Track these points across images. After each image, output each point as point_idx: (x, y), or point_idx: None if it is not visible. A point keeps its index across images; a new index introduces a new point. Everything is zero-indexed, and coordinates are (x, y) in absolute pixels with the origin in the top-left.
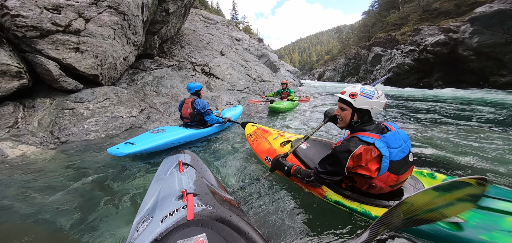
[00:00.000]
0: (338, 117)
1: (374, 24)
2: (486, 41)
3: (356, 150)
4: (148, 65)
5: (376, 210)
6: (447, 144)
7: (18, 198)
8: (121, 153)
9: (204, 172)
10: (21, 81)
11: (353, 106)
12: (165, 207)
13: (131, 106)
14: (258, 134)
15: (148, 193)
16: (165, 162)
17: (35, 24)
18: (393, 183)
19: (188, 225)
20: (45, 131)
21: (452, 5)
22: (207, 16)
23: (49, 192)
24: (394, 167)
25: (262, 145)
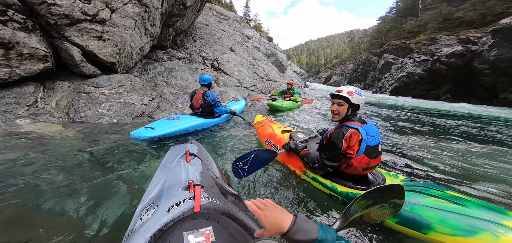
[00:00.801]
0: (335, 112)
1: (389, 31)
2: (504, 55)
3: (347, 133)
4: (160, 56)
5: (341, 187)
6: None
7: (31, 173)
8: (144, 136)
9: (210, 163)
10: (46, 65)
11: (351, 102)
12: (171, 196)
13: (143, 95)
14: (265, 123)
15: (153, 180)
16: (172, 151)
17: (67, 13)
18: (365, 165)
19: (195, 217)
20: (62, 111)
21: (477, 15)
22: (221, 11)
23: (60, 170)
24: (368, 150)
25: (266, 130)
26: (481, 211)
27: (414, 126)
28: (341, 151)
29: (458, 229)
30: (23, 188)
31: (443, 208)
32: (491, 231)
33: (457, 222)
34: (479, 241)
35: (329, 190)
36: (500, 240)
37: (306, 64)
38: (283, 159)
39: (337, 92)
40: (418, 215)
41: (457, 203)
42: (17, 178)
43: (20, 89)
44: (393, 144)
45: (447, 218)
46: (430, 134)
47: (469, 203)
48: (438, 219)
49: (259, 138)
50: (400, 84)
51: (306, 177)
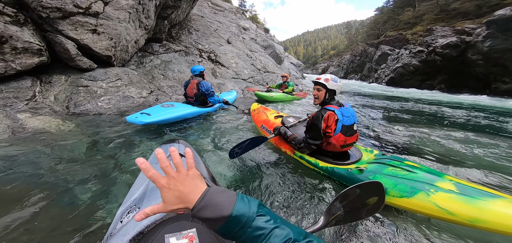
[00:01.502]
0: (315, 96)
1: (386, 22)
2: (497, 46)
3: (325, 115)
4: (156, 49)
5: (322, 163)
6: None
7: (35, 165)
8: (140, 122)
9: (197, 164)
10: (41, 58)
11: (327, 88)
12: (154, 198)
13: (141, 88)
14: (260, 110)
15: (136, 182)
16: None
17: (59, 6)
18: (342, 143)
19: (178, 219)
20: (61, 105)
21: (473, 6)
22: (216, 2)
23: (62, 161)
24: (344, 129)
25: (261, 117)
26: (425, 175)
27: (398, 112)
28: (321, 130)
29: (403, 191)
30: (33, 177)
31: (397, 175)
32: (425, 191)
33: (404, 186)
34: (416, 200)
35: (313, 166)
36: (430, 198)
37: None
38: (275, 142)
39: (316, 80)
40: (381, 181)
41: (409, 170)
42: (27, 168)
43: (17, 83)
44: (375, 125)
45: (398, 183)
46: (410, 119)
47: (418, 169)
48: (391, 185)
49: (255, 123)
50: (396, 75)
51: (295, 156)
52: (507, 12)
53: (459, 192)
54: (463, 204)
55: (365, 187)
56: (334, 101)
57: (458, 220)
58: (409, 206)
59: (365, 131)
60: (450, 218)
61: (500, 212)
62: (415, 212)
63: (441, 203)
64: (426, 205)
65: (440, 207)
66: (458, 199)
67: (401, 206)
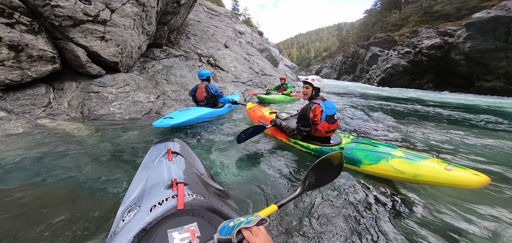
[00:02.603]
0: (304, 93)
1: (375, 24)
2: (477, 47)
3: (313, 107)
4: (157, 54)
5: (312, 145)
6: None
7: (58, 165)
8: (166, 125)
9: (193, 161)
10: (54, 66)
11: (313, 86)
12: (153, 196)
13: (148, 93)
14: (255, 108)
15: (133, 181)
16: (152, 150)
17: (70, 14)
18: (327, 129)
19: (179, 214)
20: (76, 110)
21: (453, 8)
22: (211, 7)
23: (87, 161)
24: (327, 118)
25: (257, 113)
26: (384, 148)
27: (374, 108)
28: (310, 119)
29: (371, 160)
30: (60, 177)
31: (366, 149)
32: (385, 158)
33: (371, 156)
34: (380, 165)
35: (305, 149)
36: (389, 162)
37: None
38: (272, 132)
39: (305, 79)
40: (354, 155)
41: (374, 146)
42: (52, 169)
43: (32, 91)
44: (354, 117)
45: (367, 154)
46: (386, 113)
47: (380, 145)
48: (363, 156)
49: (251, 119)
50: (386, 75)
51: (289, 142)
52: (483, 15)
53: (405, 157)
54: (408, 165)
55: (331, 156)
56: (319, 97)
57: (406, 177)
58: (376, 170)
59: (349, 121)
60: (401, 176)
61: (428, 167)
62: (379, 175)
63: (396, 166)
64: (386, 168)
65: (395, 168)
66: (405, 162)
67: (370, 172)
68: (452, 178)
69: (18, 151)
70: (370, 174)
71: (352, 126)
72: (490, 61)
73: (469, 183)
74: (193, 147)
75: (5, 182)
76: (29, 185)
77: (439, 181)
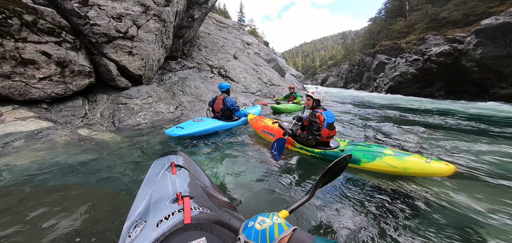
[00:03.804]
0: (307, 104)
1: (380, 31)
2: (488, 53)
3: (318, 114)
4: (173, 66)
5: (317, 149)
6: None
7: (99, 168)
8: (176, 134)
9: (198, 173)
10: (90, 80)
11: (313, 98)
12: (159, 210)
13: (168, 104)
14: (257, 118)
15: (138, 196)
16: (155, 164)
17: (105, 31)
18: (328, 135)
19: (186, 229)
20: (108, 121)
21: (460, 15)
22: (220, 20)
23: (122, 164)
24: (328, 126)
25: (259, 124)
26: (377, 148)
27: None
28: (319, 125)
29: (368, 158)
30: (102, 177)
31: (363, 150)
32: (379, 156)
33: (368, 155)
34: (376, 162)
35: (310, 152)
36: (382, 159)
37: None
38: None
39: (306, 93)
40: (354, 156)
41: (368, 147)
42: (95, 172)
43: (72, 103)
44: (350, 124)
45: (364, 154)
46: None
47: (373, 145)
48: (361, 155)
49: (255, 130)
50: (395, 83)
51: (295, 148)
52: (492, 22)
53: (395, 155)
54: (398, 160)
55: (342, 159)
56: (320, 107)
57: (397, 171)
58: (373, 167)
59: (346, 126)
60: (394, 170)
61: (414, 161)
62: (376, 170)
63: (388, 162)
64: (381, 164)
65: (388, 163)
66: (395, 158)
67: (368, 168)
68: (432, 169)
69: (65, 156)
70: (368, 170)
71: (348, 130)
72: (503, 68)
73: (442, 172)
74: (199, 158)
75: (57, 180)
76: (77, 185)
77: (423, 172)
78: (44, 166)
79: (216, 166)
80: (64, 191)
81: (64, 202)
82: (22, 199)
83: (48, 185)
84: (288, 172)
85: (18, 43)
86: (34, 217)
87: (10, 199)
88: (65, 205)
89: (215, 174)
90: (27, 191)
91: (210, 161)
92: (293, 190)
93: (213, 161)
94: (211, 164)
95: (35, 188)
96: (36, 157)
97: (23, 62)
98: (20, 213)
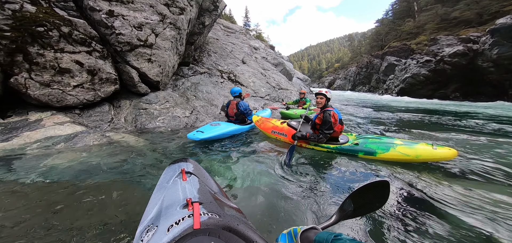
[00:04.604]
0: (319, 103)
1: (388, 33)
2: (505, 53)
3: (332, 113)
4: (186, 72)
5: (332, 145)
6: None
7: (123, 164)
8: (197, 138)
9: (207, 180)
10: (116, 86)
11: (326, 97)
12: (170, 215)
13: (184, 109)
14: (263, 120)
15: (150, 201)
16: (167, 171)
17: (128, 40)
18: (339, 130)
19: (195, 234)
20: (131, 125)
21: (473, 14)
22: (227, 25)
23: (147, 163)
24: (340, 121)
25: (268, 125)
26: (387, 140)
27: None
28: (332, 124)
29: (383, 149)
30: (123, 177)
31: (376, 142)
32: (392, 147)
33: (382, 147)
34: (390, 152)
35: (326, 148)
36: (396, 149)
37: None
38: (292, 140)
39: (319, 91)
40: (369, 147)
41: (379, 138)
42: (126, 171)
43: (100, 108)
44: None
45: (379, 146)
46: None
47: (383, 137)
48: (375, 147)
49: (263, 131)
50: (406, 85)
51: (309, 145)
52: (508, 21)
53: (405, 144)
54: (409, 149)
55: (373, 185)
56: (330, 105)
57: (410, 158)
58: (389, 157)
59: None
60: (407, 158)
61: (423, 148)
62: (391, 160)
63: (401, 151)
64: (395, 154)
65: (401, 152)
66: (407, 147)
67: (384, 158)
68: (439, 154)
69: (100, 157)
70: (384, 160)
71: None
72: None
73: (448, 156)
74: (211, 163)
75: (92, 178)
76: (111, 182)
77: (432, 157)
78: (84, 166)
79: (226, 171)
80: (104, 188)
81: (104, 197)
82: (71, 193)
83: (89, 182)
84: (298, 175)
85: (57, 54)
86: (79, 210)
87: (59, 194)
88: (105, 200)
89: (225, 179)
90: (73, 187)
91: (220, 166)
92: (303, 196)
93: (224, 166)
94: (221, 169)
95: (79, 185)
96: (77, 158)
97: (61, 71)
98: (70, 206)
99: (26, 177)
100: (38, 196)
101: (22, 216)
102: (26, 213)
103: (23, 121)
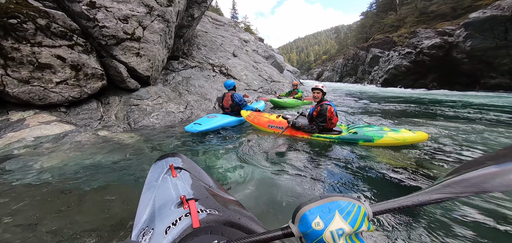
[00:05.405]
0: (316, 97)
1: (372, 25)
2: (478, 45)
3: (328, 107)
4: (176, 66)
5: (332, 135)
6: None
7: (119, 162)
8: (196, 130)
9: (199, 174)
10: (103, 82)
11: (323, 91)
12: (165, 216)
13: (178, 104)
14: (255, 114)
15: (140, 203)
16: (154, 168)
17: (113, 33)
18: (336, 122)
19: (196, 234)
20: (123, 122)
21: (448, 8)
22: (216, 17)
23: (141, 162)
24: (336, 114)
25: (262, 119)
26: (378, 128)
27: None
28: (327, 117)
29: (378, 137)
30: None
31: (372, 129)
32: (385, 133)
33: (377, 134)
34: (384, 138)
35: (328, 139)
36: (387, 135)
37: (297, 62)
38: (291, 133)
39: (316, 86)
40: (367, 135)
41: (371, 127)
42: (117, 170)
43: (87, 106)
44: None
45: (374, 134)
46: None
47: (373, 126)
48: (372, 134)
49: (258, 126)
50: (389, 76)
51: (312, 137)
52: (480, 15)
53: (392, 130)
54: (397, 134)
55: None
56: (325, 99)
57: (399, 142)
58: (384, 142)
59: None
60: (397, 142)
61: (406, 133)
62: (385, 145)
63: (392, 136)
64: (389, 140)
65: (393, 137)
66: (395, 133)
67: (380, 144)
68: (418, 137)
69: (94, 157)
70: (380, 146)
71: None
72: (493, 59)
73: (423, 138)
74: (206, 156)
75: (88, 178)
76: (109, 182)
77: (413, 140)
78: (77, 166)
79: (223, 163)
80: (100, 188)
81: (101, 197)
82: (64, 195)
83: (86, 183)
84: (296, 162)
85: (34, 48)
86: (75, 210)
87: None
88: (105, 200)
89: (222, 172)
90: (68, 189)
91: (218, 159)
92: (302, 181)
93: (221, 158)
94: (219, 162)
95: (75, 186)
96: (69, 158)
97: (40, 66)
98: (66, 208)
99: (15, 179)
100: (29, 197)
101: (13, 217)
102: (18, 215)
103: (4, 121)
